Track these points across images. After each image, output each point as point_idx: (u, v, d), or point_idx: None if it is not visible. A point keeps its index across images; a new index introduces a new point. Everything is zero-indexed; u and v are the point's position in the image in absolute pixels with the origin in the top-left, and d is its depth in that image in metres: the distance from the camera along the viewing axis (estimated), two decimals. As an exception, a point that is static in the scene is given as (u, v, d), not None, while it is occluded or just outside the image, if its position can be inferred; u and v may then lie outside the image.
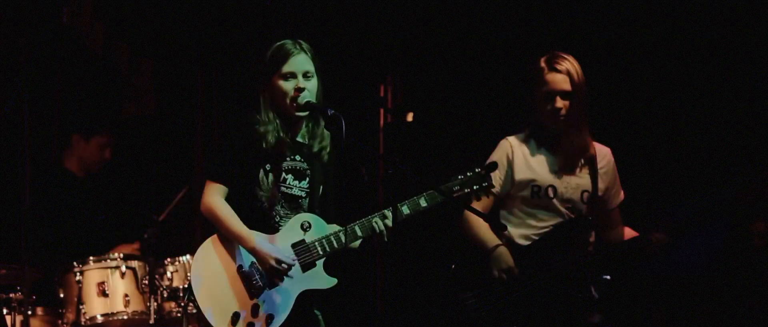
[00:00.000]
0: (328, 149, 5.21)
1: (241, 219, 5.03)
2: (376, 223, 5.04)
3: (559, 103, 5.54)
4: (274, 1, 8.41)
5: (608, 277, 5.66)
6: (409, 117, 9.00)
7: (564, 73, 5.56)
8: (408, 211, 5.10)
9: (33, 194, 5.87)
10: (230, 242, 5.02)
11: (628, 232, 5.77)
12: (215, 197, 5.02)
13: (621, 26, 7.82)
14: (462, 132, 8.10)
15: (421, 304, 8.09)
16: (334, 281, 5.09)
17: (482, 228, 5.65)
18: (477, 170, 5.21)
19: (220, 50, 8.62)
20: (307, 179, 5.15)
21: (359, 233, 5.04)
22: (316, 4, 8.51)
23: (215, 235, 5.04)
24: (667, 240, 5.58)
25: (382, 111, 9.04)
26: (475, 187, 5.19)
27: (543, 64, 5.60)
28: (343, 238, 5.06)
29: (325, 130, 5.19)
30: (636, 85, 7.80)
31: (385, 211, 5.06)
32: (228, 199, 5.05)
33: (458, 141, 7.99)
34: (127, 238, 7.35)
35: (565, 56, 5.62)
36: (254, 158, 5.04)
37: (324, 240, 5.06)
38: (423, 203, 5.13)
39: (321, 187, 5.21)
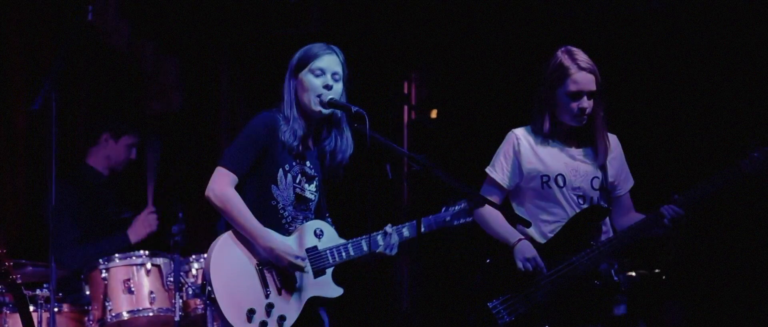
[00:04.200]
0: (345, 162, 5.22)
1: (255, 215, 5.03)
2: (380, 239, 5.12)
3: (585, 102, 5.52)
4: (298, -3, 8.43)
5: (634, 274, 5.64)
6: (433, 114, 9.00)
7: (591, 72, 5.53)
8: (407, 235, 5.20)
9: (58, 192, 5.89)
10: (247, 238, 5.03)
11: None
12: (227, 187, 5.01)
13: (637, 20, 7.80)
14: (486, 128, 8.08)
15: (448, 311, 8.08)
16: (340, 291, 5.13)
17: (501, 224, 5.64)
18: (463, 205, 5.29)
19: (245, 48, 8.64)
20: (315, 183, 5.16)
21: (365, 248, 5.08)
22: (340, 0, 8.52)
23: (232, 230, 5.04)
24: (681, 213, 5.51)
25: (406, 108, 9.05)
26: (462, 221, 5.26)
27: (568, 62, 5.55)
28: (351, 251, 5.11)
29: (349, 139, 5.20)
30: (646, 77, 7.79)
31: (386, 228, 5.13)
32: (244, 194, 5.05)
33: (482, 137, 7.97)
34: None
35: (581, 52, 5.59)
36: (275, 157, 5.04)
37: (334, 250, 5.09)
38: (406, 233, 5.23)
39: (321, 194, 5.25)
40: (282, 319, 4.99)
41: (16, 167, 7.62)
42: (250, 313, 4.95)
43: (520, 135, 5.69)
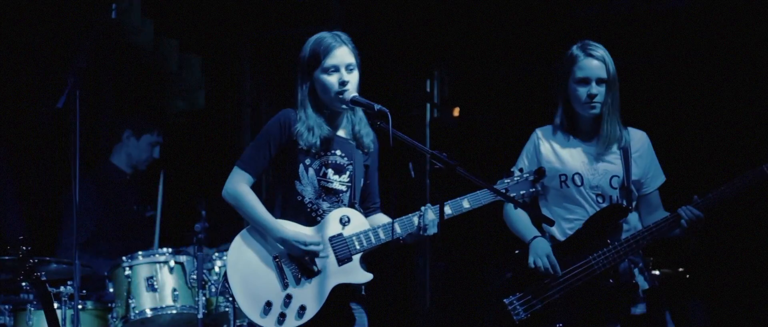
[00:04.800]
0: (371, 139, 5.20)
1: (285, 212, 5.06)
2: (415, 220, 5.02)
3: (595, 89, 5.53)
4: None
5: (657, 272, 5.62)
6: (456, 112, 8.99)
7: (600, 60, 5.55)
8: (450, 212, 5.08)
9: (82, 190, 5.91)
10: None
11: None
12: (241, 185, 5.05)
13: (665, 19, 7.77)
14: (508, 126, 8.08)
15: (466, 305, 8.08)
16: (369, 276, 5.06)
17: (523, 222, 5.65)
18: (525, 175, 5.19)
19: (268, 46, 8.66)
20: (348, 173, 5.14)
21: (399, 231, 5.03)
22: (363, -1, 8.53)
23: (249, 226, 5.06)
24: (699, 215, 5.49)
25: (428, 106, 9.04)
26: (521, 192, 5.17)
27: (577, 51, 5.59)
28: (381, 235, 5.06)
29: (364, 120, 5.18)
30: (673, 76, 7.75)
31: (423, 208, 5.05)
32: (271, 192, 5.07)
33: (504, 135, 7.96)
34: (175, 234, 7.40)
35: (598, 44, 5.60)
36: (294, 154, 5.04)
37: (362, 235, 5.05)
38: (466, 204, 5.12)
39: (361, 179, 5.21)
40: (302, 309, 4.97)
41: (41, 165, 7.66)
42: (267, 305, 4.96)
43: (542, 134, 5.71)
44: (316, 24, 8.20)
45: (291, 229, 5.02)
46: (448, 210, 5.04)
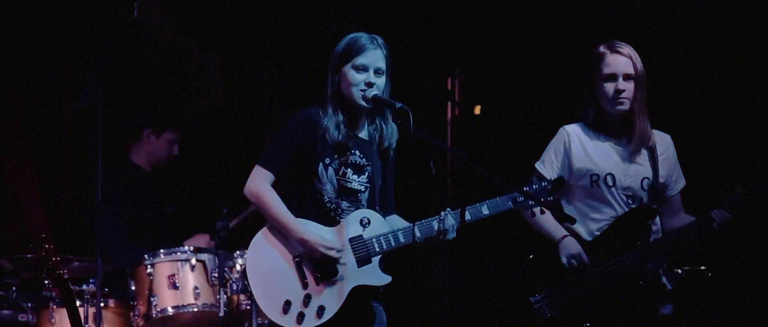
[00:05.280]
0: (393, 146, 5.20)
1: (303, 211, 5.05)
2: (435, 225, 5.02)
3: (622, 84, 5.52)
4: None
5: (680, 271, 5.61)
6: (477, 110, 8.98)
7: (626, 56, 5.56)
8: (469, 217, 5.08)
9: (103, 188, 5.94)
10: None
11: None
12: (263, 184, 5.04)
13: (682, 18, 7.74)
14: (529, 124, 8.06)
15: (490, 304, 8.06)
16: (388, 279, 5.06)
17: (547, 219, 5.63)
18: (544, 184, 5.19)
19: (287, 44, 8.66)
20: (367, 174, 5.14)
21: (418, 234, 5.03)
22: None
23: (269, 225, 5.06)
24: (729, 216, 5.49)
25: (449, 104, 9.03)
26: (542, 199, 5.16)
27: (604, 49, 5.59)
28: (401, 238, 5.06)
29: (393, 126, 5.18)
30: (697, 76, 7.72)
31: (443, 213, 5.05)
32: (290, 191, 5.07)
33: (526, 133, 7.95)
34: (197, 231, 7.42)
35: (625, 44, 5.61)
36: (315, 152, 5.05)
37: (382, 237, 5.05)
38: (485, 211, 5.12)
39: (380, 180, 5.21)
40: (321, 309, 4.97)
41: (63, 163, 7.69)
42: (287, 304, 4.95)
43: (572, 131, 5.68)
44: (335, 23, 8.20)
45: (312, 230, 5.02)
46: (467, 216, 5.04)
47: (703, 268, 6.57)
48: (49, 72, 7.64)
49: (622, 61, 5.56)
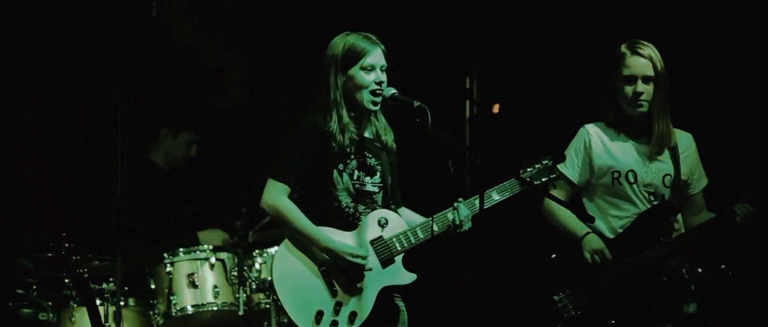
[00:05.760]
0: (392, 139, 5.20)
1: (322, 219, 5.04)
2: (450, 216, 5.03)
3: (641, 87, 5.50)
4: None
5: (700, 270, 5.58)
6: (495, 109, 8.95)
7: (646, 57, 5.53)
8: (497, 198, 5.12)
9: (122, 187, 5.96)
10: None
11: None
12: (280, 197, 5.01)
13: (702, 15, 7.69)
14: (548, 123, 8.03)
15: (513, 303, 8.04)
16: (413, 276, 5.08)
17: (569, 217, 5.62)
18: (545, 162, 5.19)
19: (307, 43, 8.65)
20: (378, 174, 5.14)
21: (436, 228, 5.02)
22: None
23: (291, 236, 5.06)
24: (753, 211, 5.46)
25: (467, 103, 9.00)
26: (543, 179, 5.17)
27: (624, 49, 5.57)
28: (420, 233, 5.06)
29: (383, 119, 5.18)
30: (718, 73, 7.67)
31: (456, 203, 5.05)
32: (306, 199, 5.06)
33: (544, 132, 7.92)
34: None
35: (647, 43, 5.57)
36: (327, 159, 5.03)
37: (402, 236, 5.05)
38: (496, 196, 5.12)
39: (389, 178, 5.21)
40: (353, 315, 4.98)
41: (83, 162, 7.71)
42: (319, 315, 4.96)
43: (592, 131, 5.67)
44: (356, 21, 8.18)
45: (336, 238, 5.01)
46: (497, 195, 5.10)
47: (723, 267, 6.53)
48: (69, 73, 7.66)
49: (641, 62, 5.53)
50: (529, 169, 5.21)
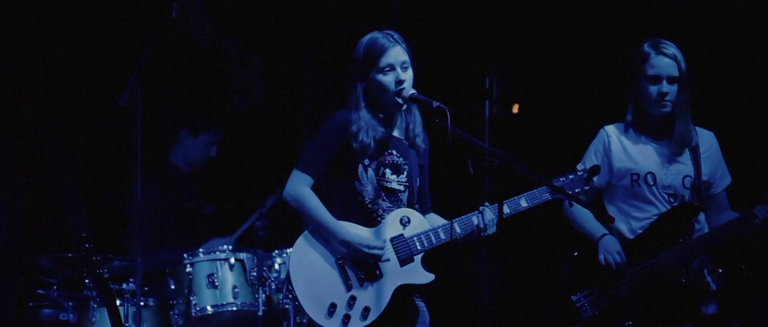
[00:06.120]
0: (422, 138, 5.18)
1: (344, 213, 5.05)
2: (474, 220, 5.02)
3: (666, 87, 5.47)
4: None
5: (721, 270, 5.55)
6: (515, 109, 8.93)
7: (671, 57, 5.51)
8: (508, 211, 5.07)
9: (143, 188, 5.97)
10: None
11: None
12: (302, 187, 5.02)
13: (724, 13, 7.66)
14: (568, 123, 8.01)
15: (530, 303, 8.03)
16: (431, 277, 5.06)
17: (588, 219, 5.61)
18: (579, 173, 5.16)
19: (327, 43, 8.66)
20: (405, 173, 5.13)
21: (458, 231, 5.01)
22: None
23: (310, 228, 5.06)
24: None
25: (487, 103, 8.99)
26: (576, 190, 5.14)
27: (649, 49, 5.54)
28: (441, 235, 5.05)
29: (416, 114, 5.16)
30: (740, 73, 7.63)
31: (481, 207, 5.03)
32: (330, 193, 5.06)
33: (564, 132, 7.91)
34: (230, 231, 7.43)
35: (670, 43, 5.55)
36: (352, 154, 5.04)
37: (423, 235, 5.04)
38: (523, 203, 5.10)
39: (417, 179, 5.19)
40: (367, 310, 4.97)
41: (104, 163, 7.73)
42: (332, 307, 4.95)
43: (612, 132, 5.65)
44: (376, 21, 8.18)
45: (354, 231, 5.02)
46: (505, 209, 5.02)
47: (743, 267, 6.50)
48: (89, 73, 7.68)
49: (666, 62, 5.50)
50: (562, 179, 5.18)
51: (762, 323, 7.44)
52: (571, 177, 5.18)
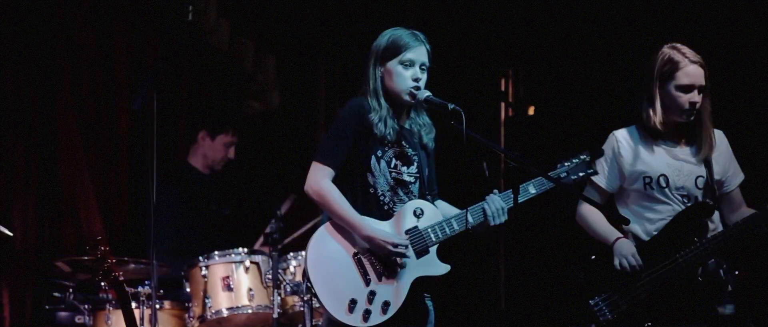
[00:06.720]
0: (432, 135, 5.19)
1: (355, 205, 5.01)
2: (485, 207, 5.01)
3: (696, 97, 5.44)
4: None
5: (737, 272, 5.53)
6: (531, 111, 8.94)
7: (701, 66, 5.47)
8: (533, 191, 5.10)
9: (160, 190, 5.97)
10: (344, 229, 5.03)
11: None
12: (324, 180, 4.99)
13: (739, 15, 7.64)
14: (583, 125, 8.00)
15: (546, 307, 8.02)
16: (447, 268, 5.04)
17: (602, 223, 5.60)
18: (582, 157, 5.18)
19: (342, 45, 8.67)
20: (415, 165, 5.13)
21: (471, 220, 5.01)
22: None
23: (329, 223, 5.03)
24: None
25: (503, 105, 8.99)
26: (580, 174, 5.16)
27: (678, 57, 5.48)
28: (455, 225, 5.04)
29: (425, 117, 5.17)
30: (751, 72, 7.62)
31: (489, 196, 5.03)
32: (342, 184, 5.04)
33: (579, 134, 7.90)
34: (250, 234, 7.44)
35: (688, 48, 5.52)
36: (367, 145, 5.03)
37: (436, 226, 5.04)
38: (532, 189, 5.10)
39: (426, 170, 5.20)
40: (386, 304, 4.95)
41: (120, 166, 7.75)
42: (352, 303, 4.92)
43: (621, 137, 5.62)
44: (390, 24, 8.19)
45: (378, 227, 4.99)
46: (533, 188, 5.09)
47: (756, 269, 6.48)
48: (106, 76, 7.70)
49: (698, 72, 5.46)
50: (566, 164, 5.20)
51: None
52: (575, 161, 5.20)
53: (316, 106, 8.84)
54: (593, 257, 5.63)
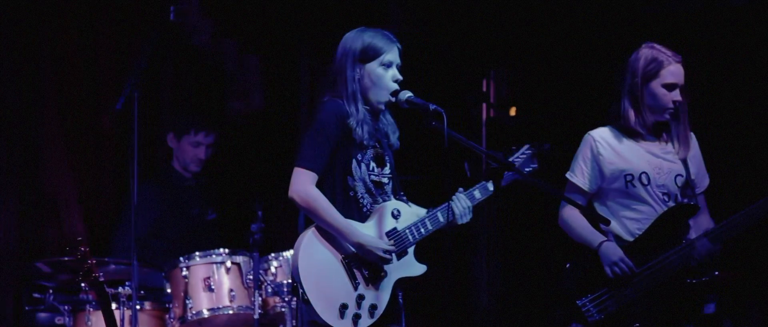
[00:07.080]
0: (397, 135, 5.21)
1: (335, 207, 5.03)
2: (454, 207, 5.08)
3: (678, 94, 5.48)
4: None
5: (717, 273, 5.55)
6: (513, 111, 8.94)
7: (681, 65, 5.51)
8: (479, 197, 5.18)
9: (141, 192, 5.95)
10: (330, 234, 5.02)
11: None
12: (310, 186, 5.00)
13: (718, 18, 7.67)
14: (565, 126, 8.01)
15: (532, 308, 8.03)
16: (424, 268, 5.13)
17: (584, 227, 5.61)
18: (528, 151, 5.22)
19: (326, 46, 8.65)
20: (389, 165, 5.16)
21: (441, 219, 5.06)
22: (420, -2, 8.51)
23: (315, 228, 5.04)
24: None
25: (484, 106, 8.99)
26: (526, 170, 5.21)
27: (662, 56, 5.51)
28: (429, 225, 5.10)
29: (391, 118, 5.23)
30: (727, 75, 7.65)
31: (455, 195, 5.10)
32: (322, 188, 5.04)
33: (561, 135, 7.91)
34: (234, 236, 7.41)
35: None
36: (347, 148, 5.04)
37: (413, 227, 5.09)
38: (490, 187, 5.16)
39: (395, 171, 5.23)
40: (373, 308, 5.02)
41: (102, 166, 7.72)
42: (343, 308, 4.97)
43: (598, 136, 5.64)
44: (373, 24, 8.18)
45: (365, 232, 5.03)
46: (477, 194, 5.16)
47: (738, 270, 6.52)
48: (89, 76, 7.67)
49: (681, 71, 5.53)
50: (516, 155, 5.27)
51: (757, 323, 7.44)
52: (522, 156, 5.22)
53: (299, 106, 8.82)
54: (579, 257, 5.64)
